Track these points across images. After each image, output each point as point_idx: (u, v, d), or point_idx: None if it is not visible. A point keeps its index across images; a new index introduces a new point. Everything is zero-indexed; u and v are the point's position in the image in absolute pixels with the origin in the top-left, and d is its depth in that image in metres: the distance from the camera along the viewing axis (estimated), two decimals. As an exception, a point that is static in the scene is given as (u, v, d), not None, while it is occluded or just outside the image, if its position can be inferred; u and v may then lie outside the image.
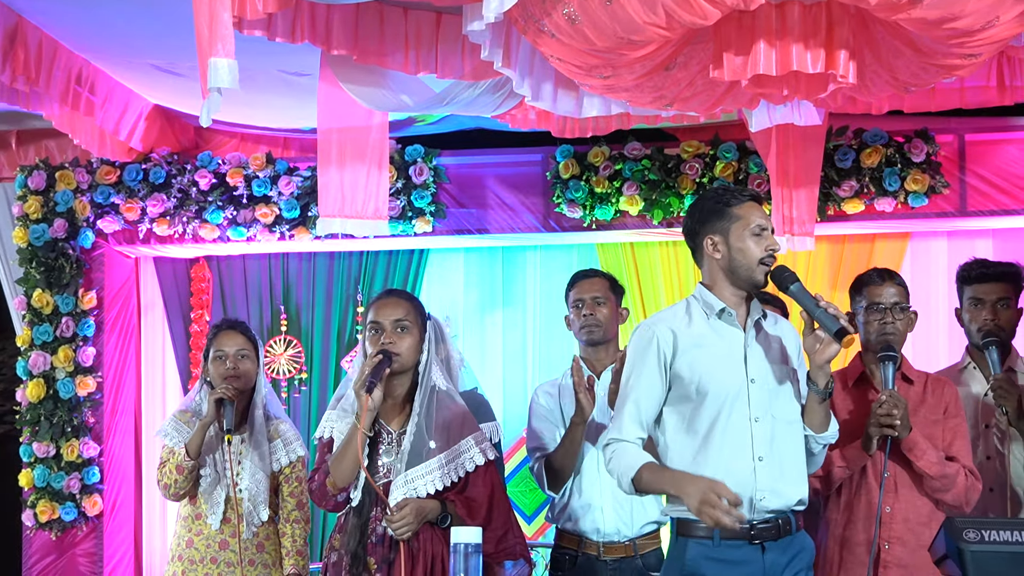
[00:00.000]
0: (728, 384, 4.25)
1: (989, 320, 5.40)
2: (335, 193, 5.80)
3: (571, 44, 4.50)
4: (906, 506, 4.98)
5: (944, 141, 6.82)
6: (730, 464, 4.19)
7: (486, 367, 7.45)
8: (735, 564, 4.16)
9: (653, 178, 6.98)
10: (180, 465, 5.35)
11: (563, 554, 5.45)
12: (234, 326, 5.62)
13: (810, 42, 4.49)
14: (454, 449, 4.69)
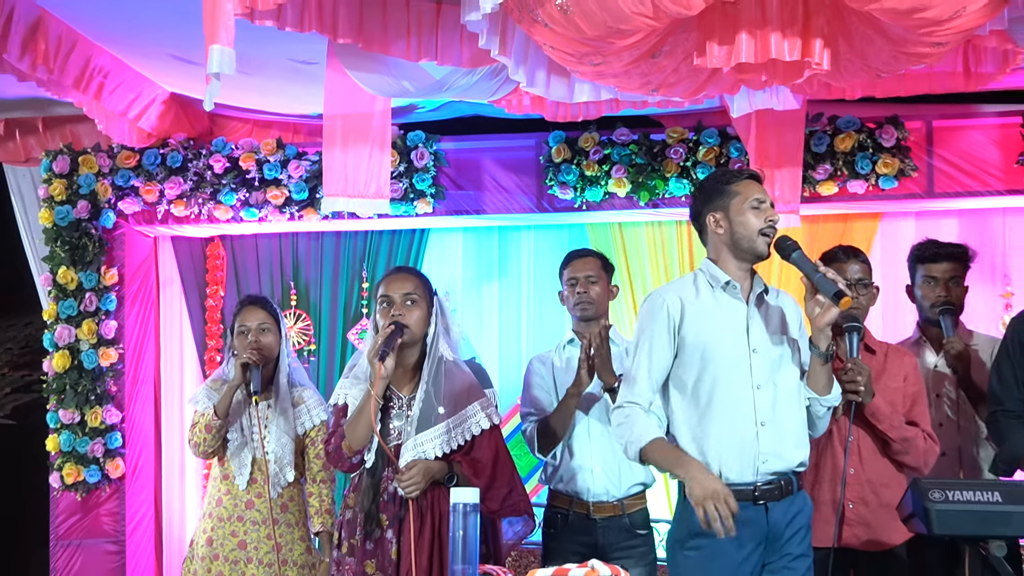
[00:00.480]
0: (731, 353, 4.27)
1: (942, 296, 5.49)
2: (339, 174, 5.81)
3: (563, 33, 4.51)
4: (869, 468, 5.00)
5: (913, 127, 6.82)
6: (733, 429, 4.22)
7: (483, 339, 7.47)
8: (741, 523, 4.14)
9: (640, 162, 6.98)
10: (209, 424, 5.38)
11: (556, 513, 5.47)
12: (256, 302, 5.64)
13: (788, 31, 4.51)
14: (461, 414, 4.73)
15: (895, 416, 4.95)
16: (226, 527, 5.44)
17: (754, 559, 4.23)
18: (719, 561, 4.20)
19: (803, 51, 4.54)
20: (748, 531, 4.19)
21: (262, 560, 5.40)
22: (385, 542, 4.67)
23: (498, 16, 4.80)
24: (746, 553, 4.21)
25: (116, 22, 5.88)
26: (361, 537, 4.70)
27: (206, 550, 5.45)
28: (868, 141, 6.77)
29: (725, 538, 4.10)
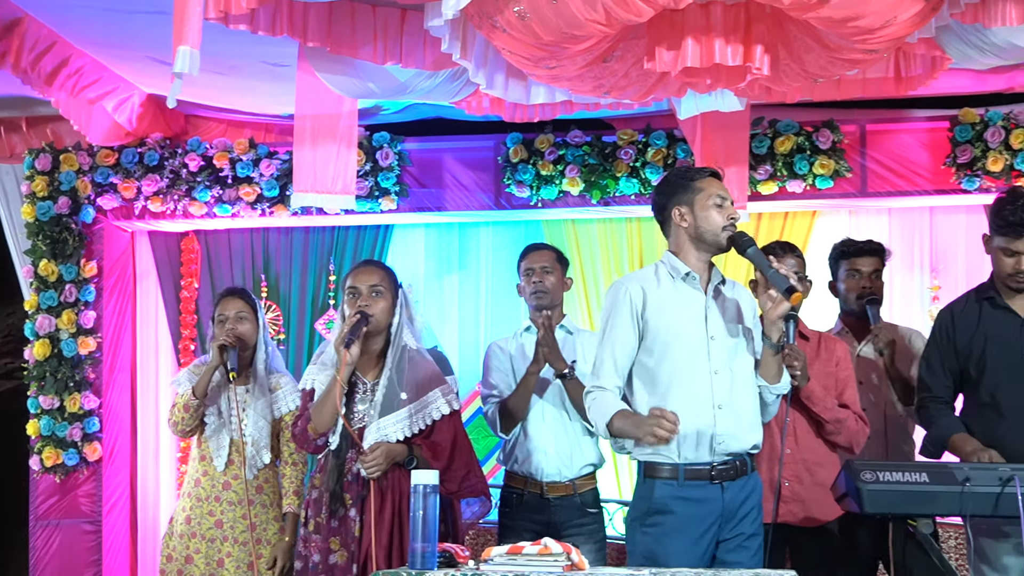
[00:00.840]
0: (690, 340, 4.30)
1: (867, 288, 5.55)
2: (308, 171, 5.83)
3: (521, 38, 4.52)
4: (804, 448, 5.04)
5: (848, 130, 6.87)
6: (691, 412, 4.22)
7: (444, 329, 7.49)
8: (698, 502, 4.22)
9: (592, 162, 7.01)
10: (187, 404, 5.41)
11: (511, 493, 5.50)
12: (234, 292, 5.71)
13: (731, 38, 4.54)
14: (422, 400, 4.77)
15: (828, 399, 5.00)
16: (204, 506, 5.46)
17: (709, 536, 4.25)
18: (676, 537, 4.22)
19: (745, 56, 4.57)
20: (704, 509, 4.23)
21: (237, 539, 5.42)
22: (348, 520, 4.70)
23: (459, 22, 4.81)
24: (702, 530, 4.23)
25: (96, 25, 5.87)
26: (326, 515, 4.72)
27: (184, 528, 5.48)
28: (806, 143, 6.81)
29: (682, 516, 4.18)
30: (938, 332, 4.96)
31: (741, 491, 4.30)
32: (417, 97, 6.01)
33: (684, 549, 4.21)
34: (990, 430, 4.72)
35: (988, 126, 6.67)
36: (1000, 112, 6.69)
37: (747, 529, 4.32)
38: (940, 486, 4.20)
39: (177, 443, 7.55)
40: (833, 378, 5.11)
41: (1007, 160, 6.62)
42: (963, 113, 6.72)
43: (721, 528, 4.27)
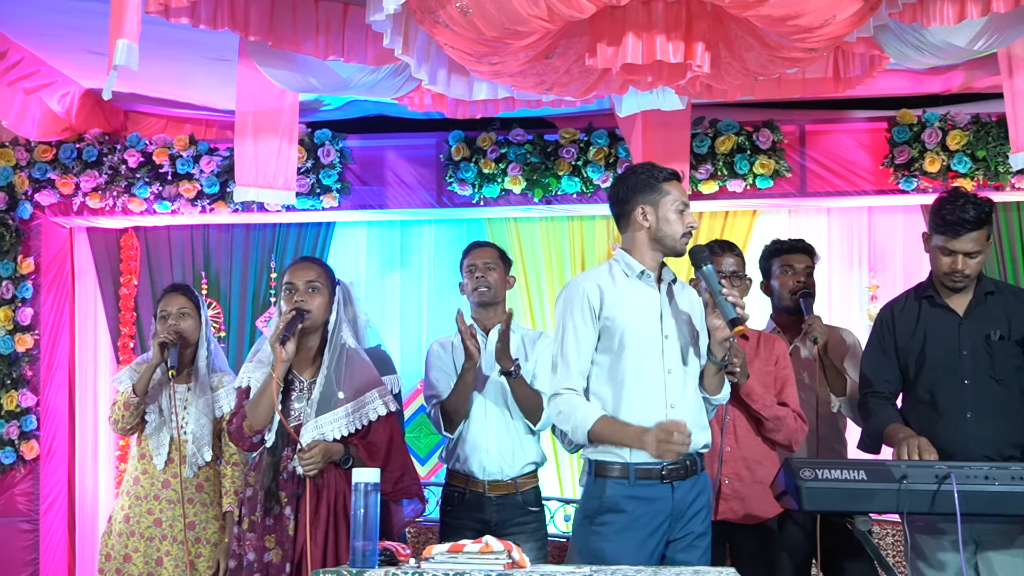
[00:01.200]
0: (646, 339, 4.30)
1: (801, 283, 5.60)
2: (250, 165, 5.79)
3: (463, 33, 4.51)
4: (744, 446, 5.07)
5: (787, 131, 6.91)
6: (645, 410, 4.24)
7: (385, 327, 7.45)
8: (648, 500, 4.22)
9: (534, 160, 7.01)
10: (127, 402, 5.37)
11: (453, 491, 5.49)
12: (176, 289, 5.67)
13: (672, 35, 4.54)
14: (360, 400, 4.75)
15: (767, 396, 5.03)
16: (143, 505, 5.42)
17: (659, 534, 4.25)
18: (626, 535, 4.22)
19: (686, 54, 4.57)
20: (655, 508, 4.23)
21: (176, 537, 5.38)
22: (284, 518, 4.68)
23: (401, 17, 4.79)
24: (652, 528, 4.23)
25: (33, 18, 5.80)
26: (261, 514, 4.70)
27: (123, 526, 5.43)
28: (746, 143, 6.85)
29: (633, 514, 4.19)
30: (879, 329, 5.00)
31: (691, 490, 4.30)
32: (359, 92, 5.96)
33: (634, 547, 4.21)
34: (928, 427, 4.75)
35: (925, 127, 6.73)
36: (937, 113, 6.76)
37: (697, 528, 4.32)
38: (878, 484, 4.23)
39: (116, 441, 7.48)
40: (772, 376, 5.13)
41: (944, 161, 6.69)
42: (901, 114, 6.78)
43: (671, 527, 4.27)
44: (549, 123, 7.07)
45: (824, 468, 4.29)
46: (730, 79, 5.22)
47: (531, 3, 4.24)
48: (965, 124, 6.71)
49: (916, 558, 4.76)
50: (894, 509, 4.28)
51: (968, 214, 4.65)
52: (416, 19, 4.64)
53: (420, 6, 4.48)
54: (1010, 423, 4.75)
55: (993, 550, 4.64)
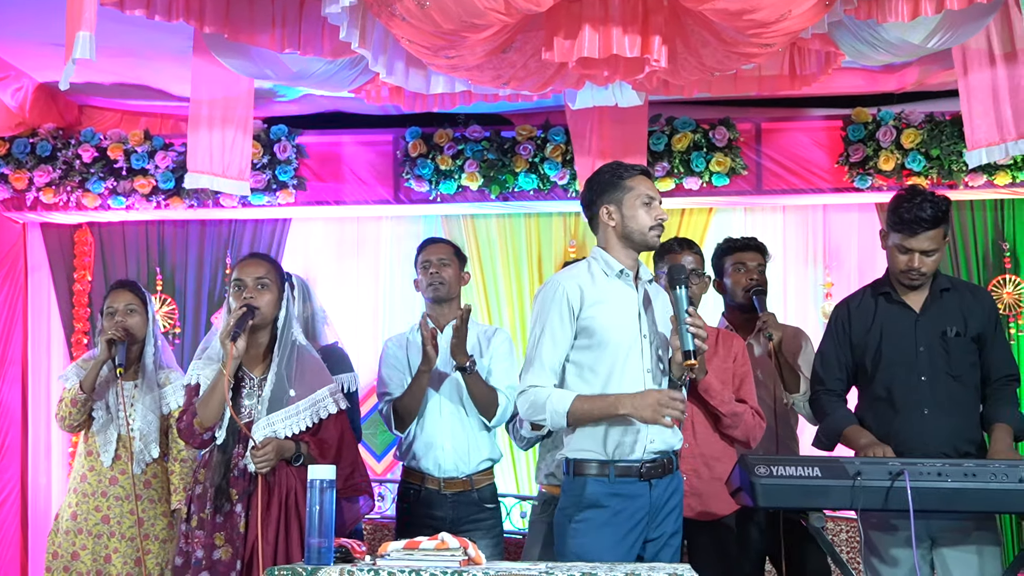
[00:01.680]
0: (627, 338, 4.30)
1: (753, 280, 5.60)
2: (204, 152, 5.75)
3: (420, 26, 4.51)
4: (702, 443, 5.07)
5: (743, 128, 6.95)
6: None
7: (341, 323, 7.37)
8: (628, 497, 4.23)
9: (491, 157, 7.01)
10: (74, 399, 5.33)
11: (409, 488, 5.47)
12: (124, 285, 5.61)
13: (628, 29, 4.56)
14: (311, 398, 4.73)
15: (725, 392, 5.03)
16: (90, 502, 5.37)
17: (638, 531, 4.25)
18: (607, 531, 4.22)
19: (643, 48, 4.59)
20: (634, 504, 4.24)
21: (124, 534, 5.33)
22: (234, 515, 4.64)
23: (358, 9, 4.78)
24: (632, 525, 4.23)
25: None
26: (211, 511, 4.65)
27: (71, 524, 5.38)
28: (702, 141, 6.88)
29: (613, 510, 4.20)
30: (834, 326, 5.01)
31: (667, 489, 4.32)
32: (314, 83, 5.91)
33: (614, 543, 4.21)
34: (885, 424, 4.78)
35: (880, 126, 6.77)
36: (892, 112, 6.80)
37: (669, 528, 4.34)
38: (832, 480, 4.25)
39: (69, 438, 7.41)
40: (731, 373, 5.13)
41: (898, 159, 6.73)
42: (856, 113, 6.82)
43: (648, 525, 4.28)
44: (506, 120, 7.08)
45: (779, 465, 4.30)
46: (687, 75, 5.24)
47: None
48: (919, 123, 6.76)
49: (870, 554, 4.78)
50: (848, 505, 4.30)
51: (925, 213, 4.67)
52: (373, 12, 4.63)
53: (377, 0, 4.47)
54: (966, 419, 4.78)
55: (947, 546, 4.66)
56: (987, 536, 4.66)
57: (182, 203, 7.14)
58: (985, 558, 4.64)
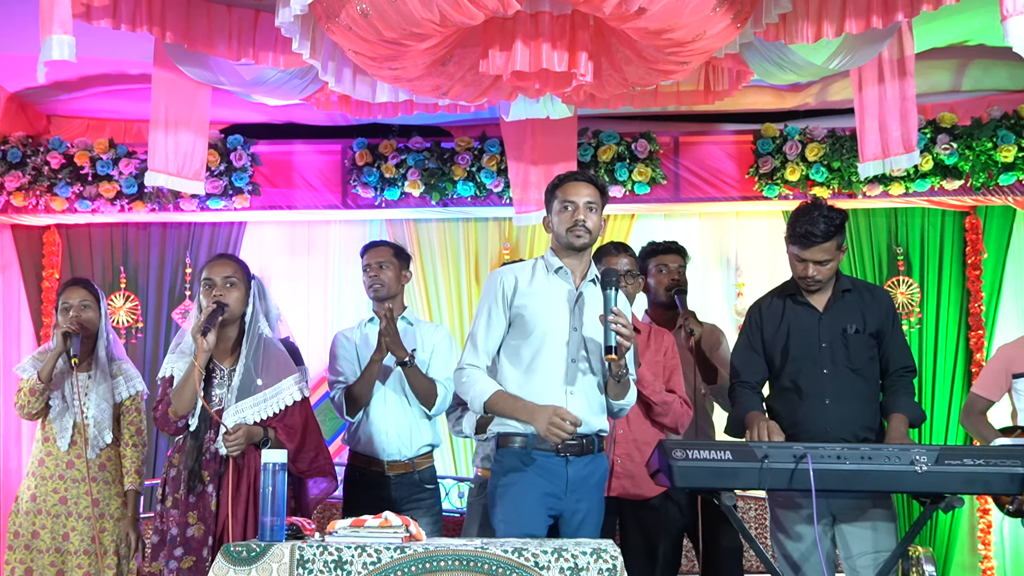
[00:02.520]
0: (554, 328, 4.32)
1: (675, 281, 5.65)
2: (162, 154, 5.74)
3: (364, 36, 4.51)
4: (635, 430, 5.08)
5: (663, 141, 6.99)
6: (545, 391, 4.26)
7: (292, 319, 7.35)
8: (544, 469, 4.26)
9: (432, 166, 7.01)
10: (32, 388, 5.27)
11: (355, 471, 5.47)
12: (78, 282, 5.54)
13: (557, 45, 4.59)
14: (276, 387, 4.74)
15: (656, 383, 5.05)
16: (48, 484, 5.32)
17: (552, 499, 4.27)
18: (523, 498, 4.25)
19: (570, 63, 4.61)
20: (550, 475, 4.26)
21: (81, 514, 5.29)
22: (206, 496, 4.64)
23: (309, 22, 4.78)
24: (547, 490, 4.25)
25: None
26: (184, 492, 4.66)
27: (30, 505, 5.33)
28: (625, 152, 6.91)
29: (527, 478, 4.24)
30: (748, 325, 5.05)
31: (585, 467, 4.31)
32: (267, 90, 5.90)
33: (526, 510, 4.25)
34: (791, 412, 4.82)
35: (787, 140, 6.84)
36: (797, 127, 6.87)
37: (588, 505, 4.34)
38: (742, 463, 4.27)
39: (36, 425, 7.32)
40: (661, 365, 5.16)
41: (803, 171, 6.81)
42: (765, 128, 6.88)
43: (562, 501, 4.28)
44: (446, 132, 7.07)
45: (693, 449, 4.32)
46: (611, 89, 5.27)
47: (425, 7, 4.24)
48: (822, 137, 6.83)
49: (777, 530, 4.82)
50: (757, 486, 4.33)
51: (818, 228, 4.71)
52: (321, 25, 4.63)
53: (325, 11, 4.47)
54: (865, 408, 4.83)
55: (847, 522, 4.70)
56: (883, 513, 4.70)
57: (144, 207, 7.08)
58: (880, 533, 4.68)
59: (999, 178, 6.73)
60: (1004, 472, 4.29)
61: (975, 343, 7.08)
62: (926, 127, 6.72)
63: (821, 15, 4.77)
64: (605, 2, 4.22)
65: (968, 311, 7.14)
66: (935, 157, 6.71)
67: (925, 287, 7.19)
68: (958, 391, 7.06)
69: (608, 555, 3.53)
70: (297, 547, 3.56)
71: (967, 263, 7.16)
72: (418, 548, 3.56)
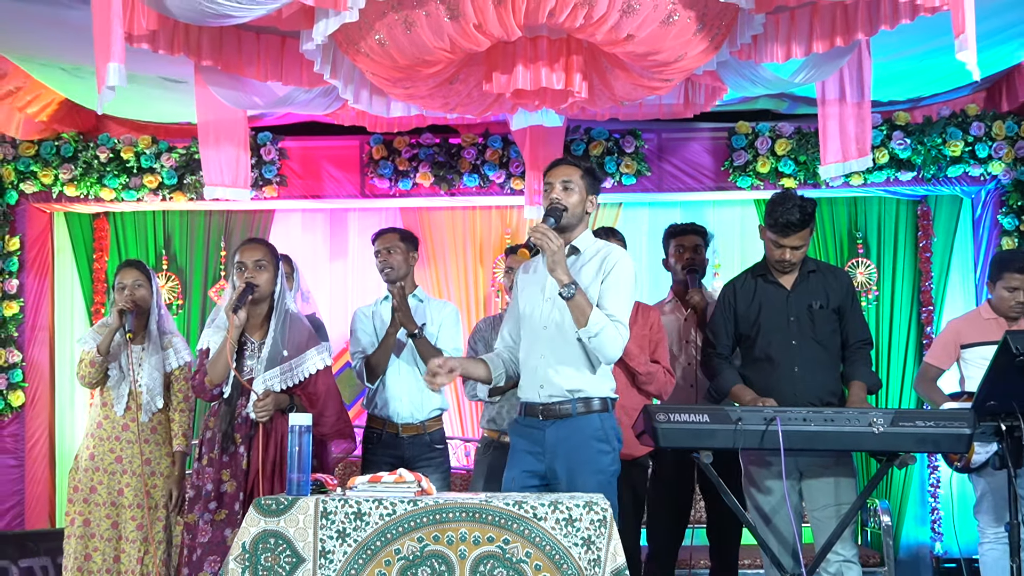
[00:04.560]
0: (534, 302, 4.28)
1: (690, 259, 5.57)
2: (215, 169, 5.83)
3: (381, 62, 4.52)
4: (624, 397, 5.03)
5: (648, 138, 7.00)
6: (527, 359, 4.27)
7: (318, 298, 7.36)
8: (528, 428, 4.23)
9: (441, 160, 7.00)
10: (93, 360, 5.28)
11: (372, 432, 5.46)
12: (132, 264, 5.53)
13: (554, 66, 4.58)
14: (301, 357, 4.75)
15: (642, 356, 5.04)
16: (105, 445, 5.33)
17: (533, 458, 4.19)
18: (513, 457, 4.28)
19: (566, 82, 4.60)
20: (532, 438, 4.20)
21: (135, 472, 5.29)
22: (238, 455, 4.66)
23: (329, 47, 4.78)
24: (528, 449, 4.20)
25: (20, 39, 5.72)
26: (219, 452, 4.68)
27: (89, 463, 5.34)
28: (614, 148, 6.90)
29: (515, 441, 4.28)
30: (722, 302, 5.05)
31: (559, 432, 4.16)
32: (295, 109, 5.94)
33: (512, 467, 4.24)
34: (764, 379, 4.82)
35: (758, 136, 6.84)
36: (767, 125, 6.86)
37: (564, 467, 4.15)
38: (718, 425, 4.27)
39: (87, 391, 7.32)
40: (647, 339, 5.13)
41: (773, 164, 6.81)
42: (739, 126, 6.88)
43: (543, 460, 4.18)
44: (453, 129, 7.05)
45: (675, 412, 4.31)
46: (601, 103, 5.27)
47: (437, 37, 4.24)
48: (790, 134, 6.84)
49: (749, 485, 4.84)
50: (731, 445, 4.33)
51: (795, 217, 4.72)
52: (342, 50, 4.63)
53: (345, 38, 4.47)
54: (829, 376, 4.86)
55: (812, 478, 4.73)
56: (844, 470, 4.72)
57: (184, 197, 7.09)
58: (842, 487, 4.70)
59: (947, 170, 6.78)
60: (952, 433, 4.30)
61: (926, 318, 7.09)
62: (883, 125, 6.76)
63: (790, 36, 4.76)
64: (598, 29, 4.23)
65: (920, 289, 7.14)
66: (890, 152, 6.72)
67: (881, 268, 7.19)
68: (911, 361, 7.08)
69: (599, 507, 3.53)
70: (321, 500, 3.54)
71: (919, 246, 7.17)
72: (429, 501, 3.55)
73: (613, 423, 4.25)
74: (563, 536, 3.50)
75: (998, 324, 5.47)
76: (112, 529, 5.27)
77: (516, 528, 3.50)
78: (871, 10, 4.59)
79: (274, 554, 3.52)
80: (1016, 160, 6.69)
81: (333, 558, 3.50)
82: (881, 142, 6.71)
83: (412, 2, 4.23)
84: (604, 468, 4.19)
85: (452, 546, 3.50)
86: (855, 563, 4.71)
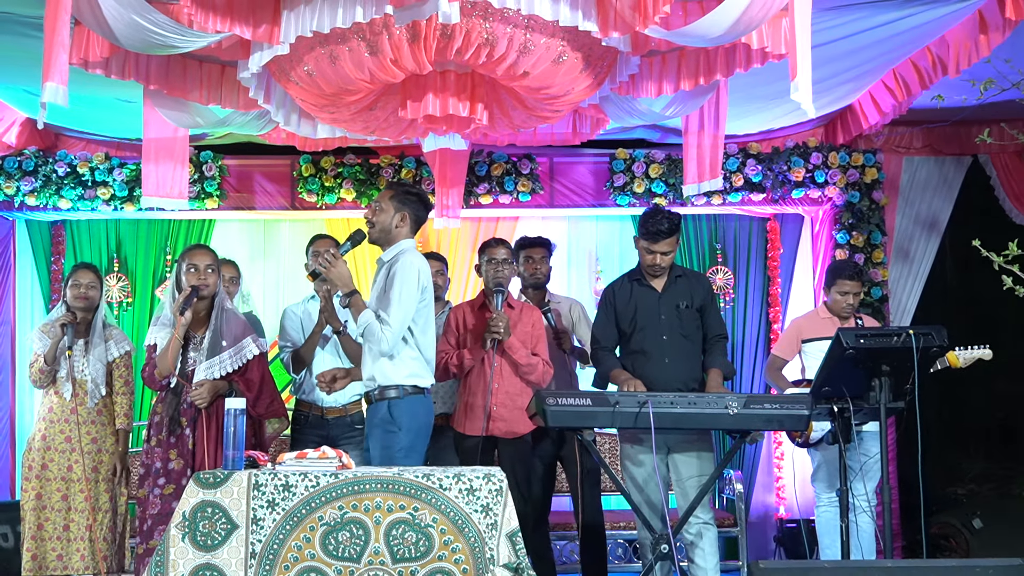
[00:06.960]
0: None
1: (537, 269, 5.60)
2: (152, 181, 5.65)
3: (309, 90, 4.49)
4: (507, 383, 5.10)
5: (541, 161, 7.00)
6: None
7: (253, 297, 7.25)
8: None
9: (362, 177, 6.93)
10: (41, 368, 5.26)
11: (300, 414, 5.43)
12: (87, 266, 5.51)
13: (460, 96, 4.59)
14: (238, 346, 4.70)
15: (523, 350, 5.06)
16: (56, 427, 5.30)
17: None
18: None
19: (470, 110, 4.60)
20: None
21: (83, 449, 5.23)
22: (184, 437, 4.61)
23: (263, 75, 4.75)
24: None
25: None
26: (166, 434, 4.63)
27: (41, 443, 5.32)
28: (512, 169, 6.90)
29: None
30: (604, 303, 5.09)
31: (369, 413, 4.41)
32: (233, 129, 5.85)
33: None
34: (639, 368, 4.88)
35: (635, 161, 6.89)
36: (643, 152, 6.93)
37: (373, 445, 4.35)
38: (599, 407, 4.33)
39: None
40: (529, 335, 5.17)
41: (647, 185, 6.88)
42: (618, 152, 6.93)
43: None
44: (373, 150, 6.99)
45: (562, 396, 4.36)
46: (501, 130, 5.29)
47: (358, 69, 4.23)
48: (662, 160, 6.90)
49: (625, 459, 4.88)
50: (610, 425, 4.38)
51: (663, 226, 4.79)
52: (275, 78, 4.59)
53: (278, 68, 4.44)
54: (693, 366, 4.93)
55: (678, 453, 4.79)
56: (705, 445, 4.81)
57: (133, 207, 6.92)
58: (703, 460, 4.78)
59: (792, 192, 6.88)
60: (794, 414, 4.40)
61: (773, 316, 7.20)
62: (739, 153, 6.85)
63: (662, 76, 4.87)
64: (498, 66, 4.26)
65: (768, 293, 7.25)
66: (745, 176, 6.82)
67: (736, 274, 7.28)
68: (760, 353, 7.18)
69: (496, 478, 3.57)
70: (253, 474, 3.54)
71: (768, 256, 7.28)
72: (348, 475, 3.55)
73: (406, 408, 4.26)
74: (465, 504, 3.52)
75: (832, 322, 5.60)
76: (63, 501, 5.24)
77: (425, 497, 3.51)
78: (728, 55, 4.71)
79: (211, 521, 3.50)
80: (848, 185, 6.84)
81: (264, 525, 3.48)
82: (737, 168, 6.80)
83: (337, 38, 4.21)
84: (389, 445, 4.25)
85: (368, 513, 3.50)
86: (712, 524, 4.79)
